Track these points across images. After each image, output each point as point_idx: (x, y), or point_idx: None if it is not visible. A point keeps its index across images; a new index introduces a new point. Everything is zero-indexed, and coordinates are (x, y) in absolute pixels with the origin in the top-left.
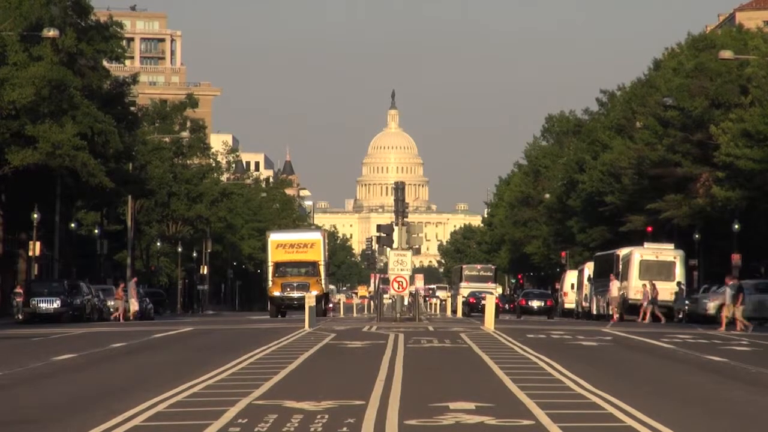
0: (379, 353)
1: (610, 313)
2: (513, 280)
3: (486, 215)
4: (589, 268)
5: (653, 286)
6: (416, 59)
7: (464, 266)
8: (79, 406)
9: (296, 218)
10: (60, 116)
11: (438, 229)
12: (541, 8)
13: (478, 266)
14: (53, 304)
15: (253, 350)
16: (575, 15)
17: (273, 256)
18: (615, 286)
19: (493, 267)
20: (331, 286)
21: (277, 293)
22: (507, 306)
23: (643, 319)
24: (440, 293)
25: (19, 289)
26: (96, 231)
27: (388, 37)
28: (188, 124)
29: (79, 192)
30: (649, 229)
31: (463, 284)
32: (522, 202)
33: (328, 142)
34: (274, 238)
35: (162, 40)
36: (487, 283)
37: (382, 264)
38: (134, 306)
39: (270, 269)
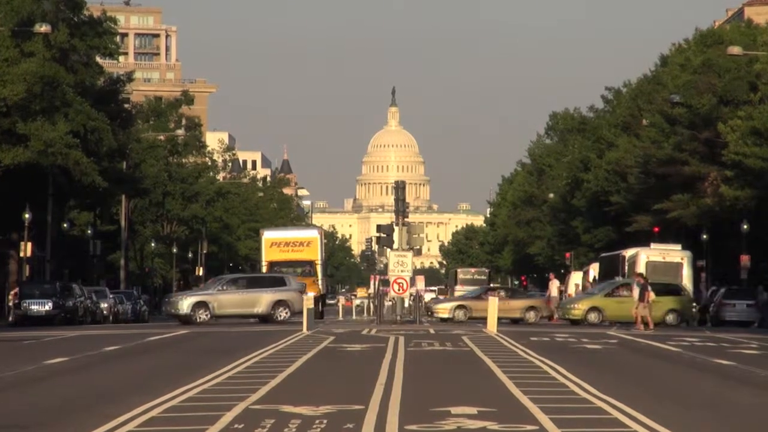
0: (379, 357)
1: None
2: (516, 282)
3: (488, 215)
4: (594, 270)
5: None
6: (417, 55)
7: (459, 270)
8: (72, 410)
9: (294, 218)
10: (52, 114)
11: (439, 230)
12: (545, 3)
13: (473, 270)
14: (45, 306)
15: (250, 353)
16: (579, 10)
17: (267, 255)
18: (554, 286)
19: (487, 270)
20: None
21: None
22: None
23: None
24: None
25: (16, 291)
26: (89, 231)
27: (388, 33)
28: (183, 121)
29: (72, 191)
30: (656, 229)
31: (457, 287)
32: (525, 202)
33: (327, 140)
34: (268, 236)
35: (157, 36)
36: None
37: (382, 265)
38: None
39: (264, 269)
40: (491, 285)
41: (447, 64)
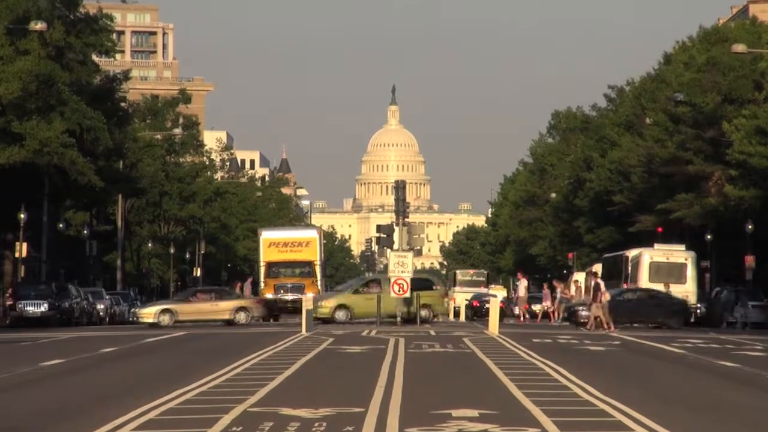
0: (379, 358)
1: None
2: (517, 282)
3: (490, 215)
4: (597, 270)
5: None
6: (417, 53)
7: (458, 271)
8: (68, 413)
9: (293, 218)
10: (48, 112)
11: (440, 230)
12: (546, 3)
13: (471, 271)
14: (40, 308)
15: (248, 355)
16: (582, 7)
17: (265, 255)
18: (522, 285)
19: (485, 272)
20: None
21: (269, 295)
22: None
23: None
24: None
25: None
26: (85, 231)
27: (388, 31)
28: (181, 120)
29: (68, 191)
30: (660, 229)
31: (456, 288)
32: (527, 202)
33: (326, 139)
34: (267, 236)
35: (153, 34)
36: (479, 288)
37: (382, 266)
38: None
39: (262, 269)
40: (200, 287)
41: (448, 61)
